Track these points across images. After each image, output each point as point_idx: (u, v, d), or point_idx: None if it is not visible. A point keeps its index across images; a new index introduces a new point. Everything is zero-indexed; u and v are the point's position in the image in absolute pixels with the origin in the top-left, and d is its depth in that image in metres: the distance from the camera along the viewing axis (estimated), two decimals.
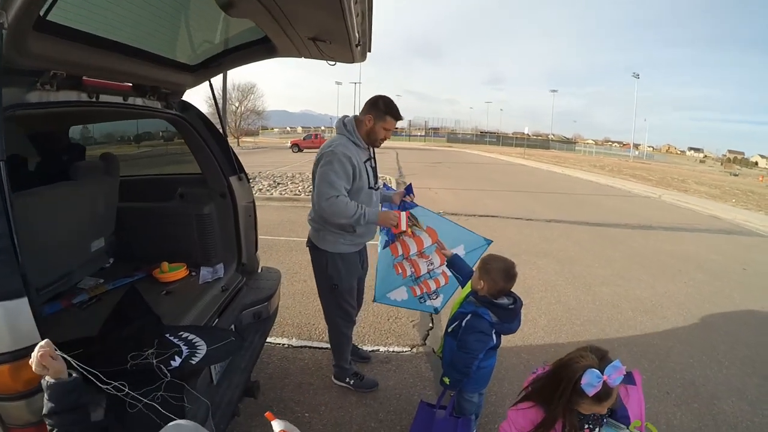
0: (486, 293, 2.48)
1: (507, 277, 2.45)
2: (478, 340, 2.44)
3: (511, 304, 2.49)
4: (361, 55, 2.76)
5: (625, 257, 7.19)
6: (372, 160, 3.09)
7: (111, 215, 3.41)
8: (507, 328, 2.50)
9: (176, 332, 2.29)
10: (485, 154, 39.41)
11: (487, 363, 2.58)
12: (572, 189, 16.31)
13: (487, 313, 2.43)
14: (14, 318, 1.45)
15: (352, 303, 3.24)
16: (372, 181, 3.04)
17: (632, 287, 5.76)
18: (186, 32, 2.70)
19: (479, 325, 2.43)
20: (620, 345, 4.15)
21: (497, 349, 2.62)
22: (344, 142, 2.91)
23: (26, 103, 1.90)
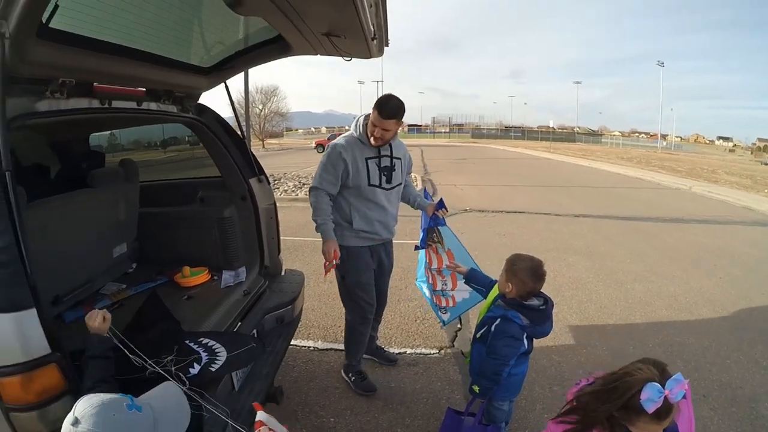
0: (515, 295, 2.36)
1: (536, 277, 2.32)
2: (508, 345, 2.31)
3: (542, 305, 2.36)
4: (378, 49, 2.70)
5: (657, 252, 6.98)
6: (380, 159, 3.04)
7: (132, 221, 3.42)
8: (539, 331, 2.36)
9: (196, 338, 2.26)
10: (510, 149, 39.07)
11: (518, 369, 2.45)
12: (600, 182, 15.99)
13: (518, 316, 2.30)
14: (23, 330, 1.44)
15: (364, 298, 3.20)
16: (376, 179, 3.03)
17: (665, 283, 5.58)
18: (198, 34, 2.68)
19: (509, 329, 2.31)
20: (654, 345, 4.01)
21: (529, 355, 2.50)
22: (348, 139, 3.03)
23: (36, 112, 1.89)
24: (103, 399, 1.12)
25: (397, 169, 3.12)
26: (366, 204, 3.05)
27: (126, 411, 1.10)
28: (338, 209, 3.09)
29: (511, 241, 7.44)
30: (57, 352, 1.49)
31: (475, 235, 7.80)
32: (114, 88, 2.36)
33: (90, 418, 1.04)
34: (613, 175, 18.88)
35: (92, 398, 1.11)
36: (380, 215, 3.10)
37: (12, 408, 1.47)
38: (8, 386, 1.45)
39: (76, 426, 1.03)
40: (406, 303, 4.96)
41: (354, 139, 3.02)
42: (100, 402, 1.10)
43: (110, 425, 1.05)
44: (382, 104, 2.84)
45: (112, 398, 1.13)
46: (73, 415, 1.05)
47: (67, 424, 1.05)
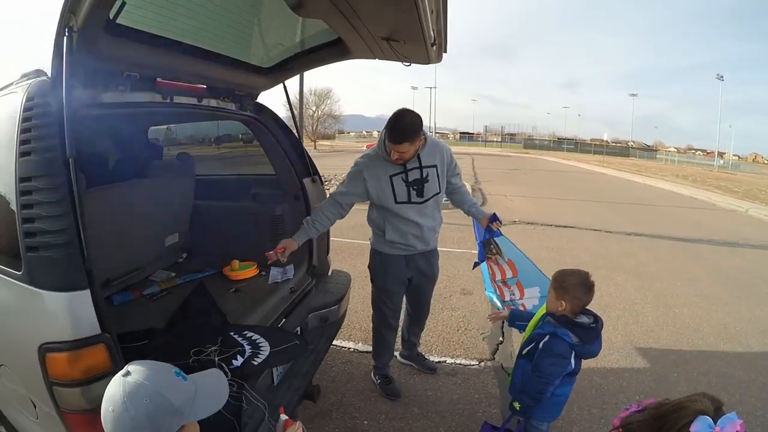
0: (569, 312, 2.26)
1: (586, 289, 2.24)
2: (554, 364, 2.23)
3: (593, 323, 2.26)
4: (437, 55, 2.69)
5: (709, 276, 6.67)
6: (407, 173, 2.88)
7: (186, 212, 3.53)
8: (588, 350, 2.26)
9: (241, 331, 2.31)
10: (562, 162, 38.26)
11: (562, 390, 2.35)
12: (653, 200, 15.46)
13: (567, 335, 2.22)
14: (76, 309, 1.49)
15: (387, 304, 3.21)
16: (404, 195, 2.91)
17: (715, 310, 5.33)
18: (258, 35, 2.73)
19: (558, 348, 2.23)
20: (699, 374, 3.84)
21: (575, 376, 2.40)
22: (371, 156, 2.95)
23: (101, 104, 1.98)
24: (155, 362, 1.21)
25: (431, 179, 2.94)
26: (398, 218, 2.97)
27: (173, 375, 1.19)
28: (373, 220, 3.12)
29: (560, 257, 7.30)
30: (106, 333, 1.54)
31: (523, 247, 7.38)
32: (176, 83, 2.44)
33: (141, 372, 1.13)
34: (667, 192, 18.26)
35: (145, 361, 1.20)
36: (414, 229, 3.00)
37: (56, 383, 1.53)
38: (56, 362, 1.51)
39: (127, 377, 1.11)
40: (450, 312, 4.93)
41: (377, 156, 2.90)
42: (152, 363, 1.19)
43: (158, 381, 1.13)
44: (392, 128, 2.68)
45: (162, 364, 1.22)
46: (125, 369, 1.14)
47: (118, 376, 1.13)
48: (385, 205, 2.93)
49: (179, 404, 1.14)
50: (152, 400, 1.10)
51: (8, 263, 1.65)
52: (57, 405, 1.56)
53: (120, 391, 1.10)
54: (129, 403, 1.08)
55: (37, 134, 1.59)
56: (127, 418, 1.08)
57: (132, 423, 1.08)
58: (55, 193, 1.51)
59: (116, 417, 1.09)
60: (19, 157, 1.57)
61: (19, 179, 1.55)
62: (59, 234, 1.48)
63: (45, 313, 1.52)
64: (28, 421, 1.85)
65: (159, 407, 1.10)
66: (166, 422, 1.12)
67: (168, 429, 1.13)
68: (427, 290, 3.39)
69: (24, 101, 1.67)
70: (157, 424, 1.10)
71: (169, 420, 1.13)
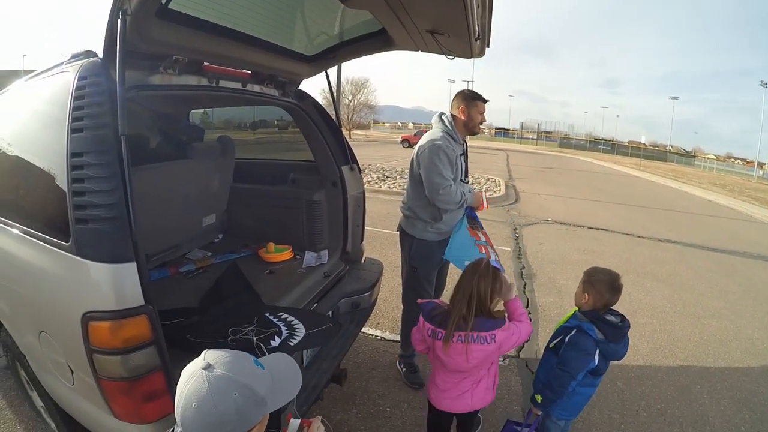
0: (591, 307, 2.33)
1: (612, 290, 2.28)
2: (578, 359, 2.25)
3: (620, 322, 2.30)
4: (480, 50, 2.68)
5: (740, 289, 6.51)
6: (465, 155, 3.21)
7: (224, 194, 3.60)
8: (613, 350, 2.28)
9: (276, 312, 2.36)
10: (598, 163, 37.56)
11: (584, 390, 2.38)
12: (689, 208, 15.10)
13: (593, 330, 2.25)
14: (122, 280, 1.55)
15: (428, 289, 3.29)
16: (463, 173, 3.19)
17: (744, 325, 5.20)
18: (303, 23, 2.76)
19: (583, 342, 2.26)
20: (723, 388, 3.77)
21: (600, 378, 2.40)
22: (444, 136, 3.06)
23: (149, 85, 2.04)
24: (232, 351, 1.16)
25: (466, 165, 3.28)
26: None
27: (253, 364, 1.15)
28: (425, 207, 3.12)
29: (591, 259, 7.20)
30: (149, 305, 1.59)
31: (555, 247, 7.65)
32: (222, 68, 2.50)
33: (224, 365, 1.07)
34: (704, 201, 17.78)
35: (219, 349, 1.15)
36: (461, 209, 3.17)
37: (96, 350, 1.58)
38: (98, 330, 1.56)
39: (210, 370, 1.05)
40: None
41: (448, 136, 3.07)
42: (231, 353, 1.15)
43: (243, 372, 1.09)
44: (478, 94, 3.08)
45: (239, 352, 1.18)
46: (204, 361, 1.08)
47: (197, 368, 1.07)
48: (455, 181, 3.06)
49: (264, 393, 1.10)
50: (241, 393, 1.05)
51: (56, 234, 1.71)
52: (95, 372, 1.62)
53: (205, 387, 1.03)
54: (217, 398, 1.02)
55: (90, 112, 1.64)
56: (214, 414, 1.02)
57: (219, 419, 1.03)
58: (106, 169, 1.56)
59: (201, 413, 1.02)
60: (71, 134, 1.63)
61: (70, 154, 1.61)
62: (109, 208, 1.54)
63: (90, 283, 1.57)
64: (63, 387, 1.92)
65: (248, 400, 1.06)
66: (252, 414, 1.08)
67: (254, 420, 1.09)
68: (447, 267, 3.56)
69: (76, 80, 1.72)
70: (245, 417, 1.06)
71: (256, 411, 1.09)
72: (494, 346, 2.10)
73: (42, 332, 1.87)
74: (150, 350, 1.62)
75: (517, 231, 8.74)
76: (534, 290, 5.61)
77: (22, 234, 1.96)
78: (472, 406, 2.30)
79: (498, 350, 2.14)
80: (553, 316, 4.80)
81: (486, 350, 2.09)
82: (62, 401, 2.02)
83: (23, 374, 2.41)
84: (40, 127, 1.99)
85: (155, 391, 1.67)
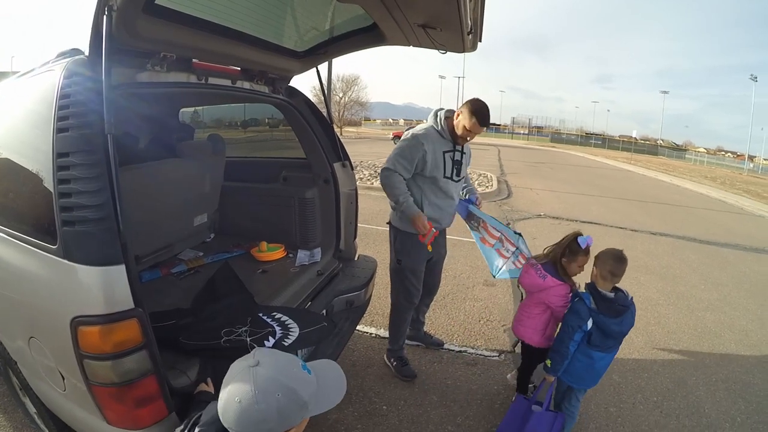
0: (595, 277, 2.62)
1: (617, 259, 2.58)
2: (572, 320, 2.58)
3: (613, 297, 2.57)
4: (472, 44, 2.67)
5: (734, 282, 6.54)
6: (455, 153, 3.15)
7: (215, 193, 3.57)
8: (603, 322, 2.50)
9: (269, 312, 2.34)
10: (590, 157, 37.63)
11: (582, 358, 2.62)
12: (681, 201, 15.14)
13: (589, 298, 2.55)
14: (111, 283, 1.51)
15: (415, 284, 3.29)
16: (450, 171, 3.13)
17: (738, 316, 5.22)
18: (293, 19, 2.73)
19: (577, 306, 2.57)
20: (718, 379, 3.78)
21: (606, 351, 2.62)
22: (427, 129, 3.11)
23: (137, 83, 2.00)
24: (283, 354, 1.22)
25: (464, 164, 3.25)
26: (437, 193, 3.14)
27: (301, 368, 1.18)
28: None
29: None
30: (139, 308, 1.56)
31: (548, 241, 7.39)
32: (211, 65, 2.47)
33: (272, 365, 1.13)
34: (695, 194, 17.86)
35: (271, 351, 1.21)
36: (447, 205, 3.21)
37: (86, 355, 1.55)
38: (87, 335, 1.53)
39: (258, 369, 1.11)
40: (472, 302, 4.93)
41: (434, 132, 3.10)
42: (281, 354, 1.20)
43: (290, 375, 1.13)
44: (483, 114, 2.94)
45: (289, 355, 1.22)
46: (254, 359, 1.13)
47: (246, 366, 1.12)
48: (435, 175, 3.08)
49: (307, 398, 1.14)
50: (285, 394, 1.09)
51: (42, 238, 1.67)
52: (86, 377, 1.59)
53: (250, 384, 1.08)
54: (261, 396, 1.07)
55: (76, 111, 1.60)
56: (255, 411, 1.07)
57: (260, 416, 1.07)
58: (93, 169, 1.53)
59: (243, 409, 1.07)
60: (57, 133, 1.59)
61: (56, 155, 1.57)
62: (96, 209, 1.50)
63: (79, 286, 1.54)
64: (55, 394, 1.89)
65: (290, 401, 1.10)
66: (293, 416, 1.12)
67: (293, 422, 1.13)
68: (439, 270, 3.58)
69: (62, 78, 1.69)
70: (285, 418, 1.10)
71: (297, 414, 1.12)
72: (540, 282, 2.81)
73: (32, 338, 1.83)
74: (141, 354, 1.59)
75: (510, 226, 8.63)
76: None
77: (9, 237, 1.91)
78: (522, 333, 3.01)
79: (543, 292, 2.83)
80: None
81: (534, 280, 2.85)
82: (55, 408, 1.98)
83: (15, 381, 2.37)
84: (26, 127, 1.94)
85: (148, 396, 1.64)
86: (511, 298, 5.12)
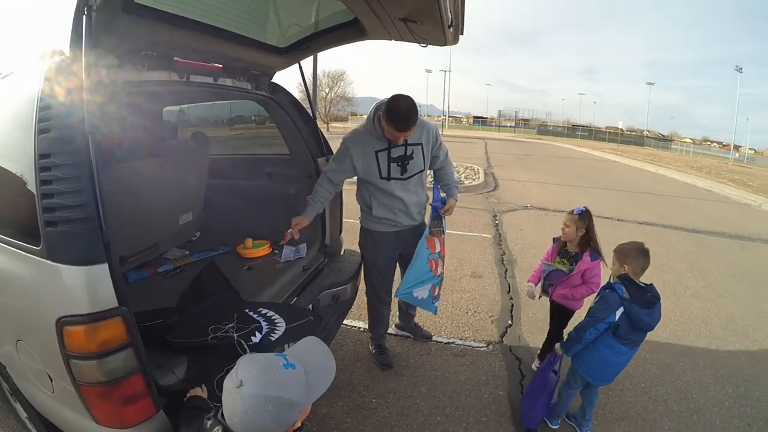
0: (628, 273, 2.64)
1: (643, 253, 2.65)
2: (601, 309, 2.57)
3: (646, 286, 2.63)
4: (454, 37, 2.68)
5: (719, 269, 6.62)
6: (389, 150, 2.90)
7: (200, 191, 3.56)
8: (637, 312, 2.52)
9: (256, 308, 2.36)
10: (576, 149, 37.73)
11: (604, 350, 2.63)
12: (666, 191, 15.22)
13: (621, 288, 2.55)
14: (94, 283, 1.51)
15: (379, 279, 3.28)
16: (386, 171, 2.94)
17: (724, 303, 5.30)
18: (275, 14, 2.74)
19: (609, 297, 2.57)
20: (706, 365, 3.84)
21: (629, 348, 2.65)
22: (359, 131, 3.00)
23: (118, 82, 2.00)
24: (262, 361, 1.25)
25: (416, 157, 2.98)
26: (383, 194, 3.02)
27: (283, 370, 1.22)
28: (360, 196, 3.15)
29: None
30: (123, 306, 1.56)
31: (535, 232, 7.67)
32: (193, 63, 2.46)
33: (254, 381, 1.17)
34: (681, 184, 17.97)
35: (252, 360, 1.25)
36: (399, 204, 3.05)
37: (73, 355, 1.55)
38: (73, 334, 1.53)
39: (242, 389, 1.16)
40: (460, 294, 4.95)
41: (365, 132, 2.94)
42: (261, 364, 1.23)
43: (273, 385, 1.17)
44: (399, 119, 2.64)
45: (269, 359, 1.26)
46: (237, 378, 1.18)
47: (232, 386, 1.18)
48: (371, 180, 2.98)
49: (297, 398, 1.20)
50: (274, 405, 1.16)
51: (26, 239, 1.67)
52: (73, 378, 1.59)
53: (240, 406, 1.16)
54: (253, 414, 1.15)
55: (56, 112, 1.60)
56: (254, 426, 1.16)
57: (261, 428, 1.16)
58: (75, 169, 1.52)
59: (243, 424, 1.17)
60: (39, 134, 1.59)
61: (38, 156, 1.57)
62: (78, 209, 1.50)
63: (63, 287, 1.53)
64: (44, 396, 1.88)
65: (281, 408, 1.17)
66: (289, 417, 1.19)
67: (291, 420, 1.21)
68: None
69: (43, 80, 1.68)
70: (282, 422, 1.18)
71: (291, 413, 1.20)
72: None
73: (19, 341, 1.83)
74: (127, 353, 1.59)
75: (497, 218, 8.74)
76: (515, 275, 5.63)
77: None
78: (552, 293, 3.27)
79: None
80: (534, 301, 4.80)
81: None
82: (45, 410, 1.98)
83: (6, 386, 2.36)
84: (9, 128, 1.92)
85: (135, 394, 1.64)
86: (498, 290, 5.15)
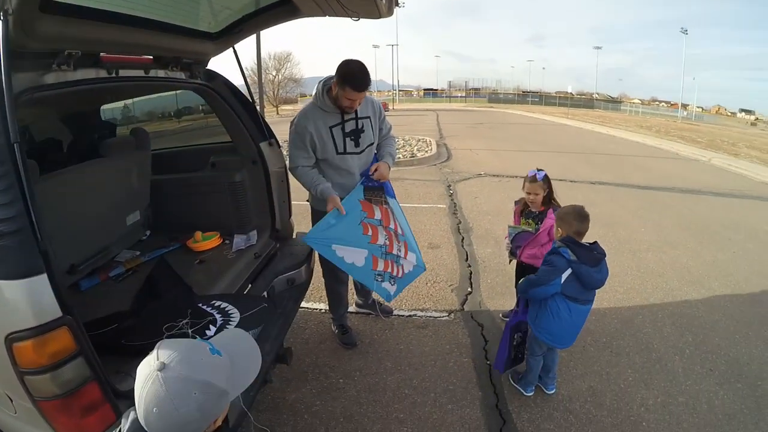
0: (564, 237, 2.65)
1: (580, 216, 2.63)
2: (547, 272, 2.62)
3: (591, 245, 2.61)
4: (388, 9, 2.65)
5: (671, 223, 6.84)
6: (343, 124, 2.93)
7: (145, 188, 3.47)
8: (586, 272, 2.54)
9: (209, 301, 2.34)
10: (527, 114, 38.28)
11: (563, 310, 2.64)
12: (618, 150, 15.59)
13: (567, 252, 2.56)
14: (36, 295, 1.47)
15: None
16: (342, 146, 2.96)
17: (679, 255, 5.49)
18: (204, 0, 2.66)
19: (554, 260, 2.61)
20: (664, 316, 3.98)
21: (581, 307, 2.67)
22: (308, 109, 2.97)
23: (44, 85, 1.91)
24: (187, 343, 1.09)
25: (366, 129, 3.03)
26: (338, 171, 3.02)
27: (210, 354, 1.08)
28: None
29: None
30: (68, 315, 1.52)
31: (489, 199, 7.75)
32: (121, 57, 2.39)
33: (179, 363, 1.01)
34: (632, 143, 18.37)
35: (174, 343, 1.08)
36: (351, 181, 3.04)
37: (26, 372, 1.51)
38: (22, 350, 1.49)
39: (165, 372, 0.99)
40: None
41: (315, 109, 2.93)
42: (185, 346, 1.07)
43: (199, 368, 1.03)
44: (355, 79, 2.69)
45: (194, 342, 1.11)
46: (157, 361, 1.00)
47: (152, 369, 1.00)
48: (327, 157, 2.96)
49: (224, 385, 1.06)
50: (201, 390, 1.00)
51: None
52: (30, 395, 1.55)
53: (163, 390, 0.98)
54: (177, 401, 0.98)
55: None
56: (176, 416, 0.98)
57: (182, 420, 0.99)
58: (2, 181, 1.47)
59: (163, 416, 0.98)
60: None
61: None
62: (9, 222, 1.45)
63: (5, 303, 1.49)
64: (7, 417, 1.82)
65: (209, 395, 1.02)
66: (215, 408, 1.05)
67: (217, 412, 1.07)
68: None
69: None
70: (207, 412, 1.03)
71: (218, 404, 1.06)
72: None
73: None
74: (78, 361, 1.56)
75: (451, 187, 8.78)
76: (472, 243, 5.74)
77: None
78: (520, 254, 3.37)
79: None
80: (492, 266, 4.95)
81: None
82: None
83: None
84: None
85: (92, 403, 1.62)
86: (456, 259, 5.22)
